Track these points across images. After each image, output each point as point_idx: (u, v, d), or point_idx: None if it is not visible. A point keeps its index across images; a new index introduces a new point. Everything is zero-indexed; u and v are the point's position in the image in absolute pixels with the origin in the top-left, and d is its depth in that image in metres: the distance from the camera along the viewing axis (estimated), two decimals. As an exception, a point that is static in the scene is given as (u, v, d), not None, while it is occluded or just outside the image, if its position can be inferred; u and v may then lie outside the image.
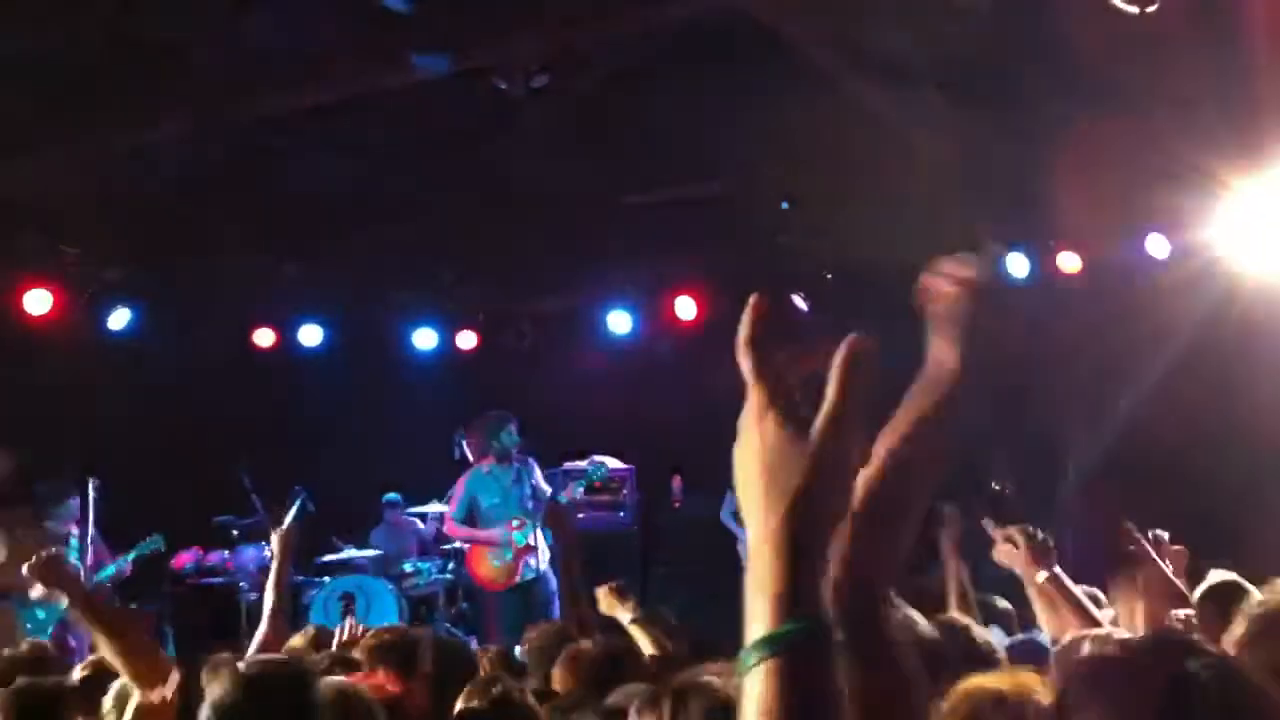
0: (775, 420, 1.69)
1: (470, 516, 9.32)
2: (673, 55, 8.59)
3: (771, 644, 1.57)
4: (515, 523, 9.21)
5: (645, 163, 9.82)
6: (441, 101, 9.00)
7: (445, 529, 9.69)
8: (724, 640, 2.42)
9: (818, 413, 1.69)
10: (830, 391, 1.68)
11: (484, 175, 9.88)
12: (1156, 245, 9.89)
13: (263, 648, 5.11)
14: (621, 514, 10.40)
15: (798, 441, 1.67)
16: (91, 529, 8.50)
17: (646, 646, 4.94)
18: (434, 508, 10.40)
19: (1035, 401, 9.76)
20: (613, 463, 10.48)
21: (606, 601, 5.35)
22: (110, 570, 8.47)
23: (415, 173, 9.77)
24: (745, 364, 1.76)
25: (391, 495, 10.72)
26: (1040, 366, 9.58)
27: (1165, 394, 9.31)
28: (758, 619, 1.59)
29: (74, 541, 8.49)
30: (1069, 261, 10.25)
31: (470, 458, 9.91)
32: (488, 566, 9.24)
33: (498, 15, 8.10)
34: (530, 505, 9.20)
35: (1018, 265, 10.42)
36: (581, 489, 9.71)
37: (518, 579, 9.16)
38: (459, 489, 9.46)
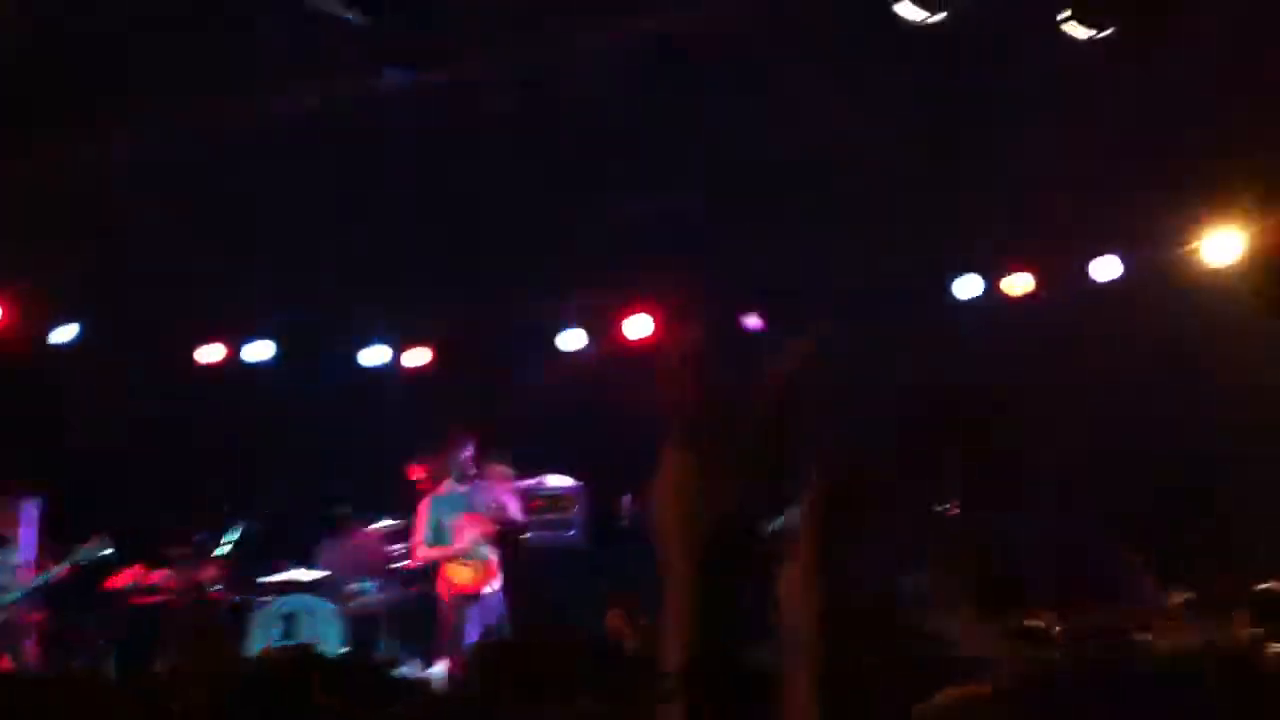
0: (691, 467, 1.73)
1: (438, 540, 9.53)
2: (635, 71, 8.63)
3: (676, 684, 1.65)
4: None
5: (600, 179, 9.81)
6: (397, 115, 8.98)
7: (417, 557, 9.72)
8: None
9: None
10: None
11: (439, 190, 9.84)
12: (1107, 267, 10.00)
13: None
14: (571, 532, 10.34)
15: (712, 490, 1.71)
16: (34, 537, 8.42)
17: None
18: (385, 524, 10.32)
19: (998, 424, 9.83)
20: (563, 480, 10.43)
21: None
22: (45, 577, 8.39)
23: (368, 187, 9.72)
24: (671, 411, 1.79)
25: (340, 510, 10.60)
26: (997, 388, 9.66)
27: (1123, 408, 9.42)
28: (671, 657, 1.69)
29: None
30: (1021, 283, 10.33)
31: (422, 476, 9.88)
32: (462, 573, 9.38)
33: (458, 30, 8.12)
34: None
35: (970, 287, 10.50)
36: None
37: (486, 589, 9.34)
38: (422, 516, 9.59)
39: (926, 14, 7.93)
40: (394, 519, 10.26)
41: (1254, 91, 8.26)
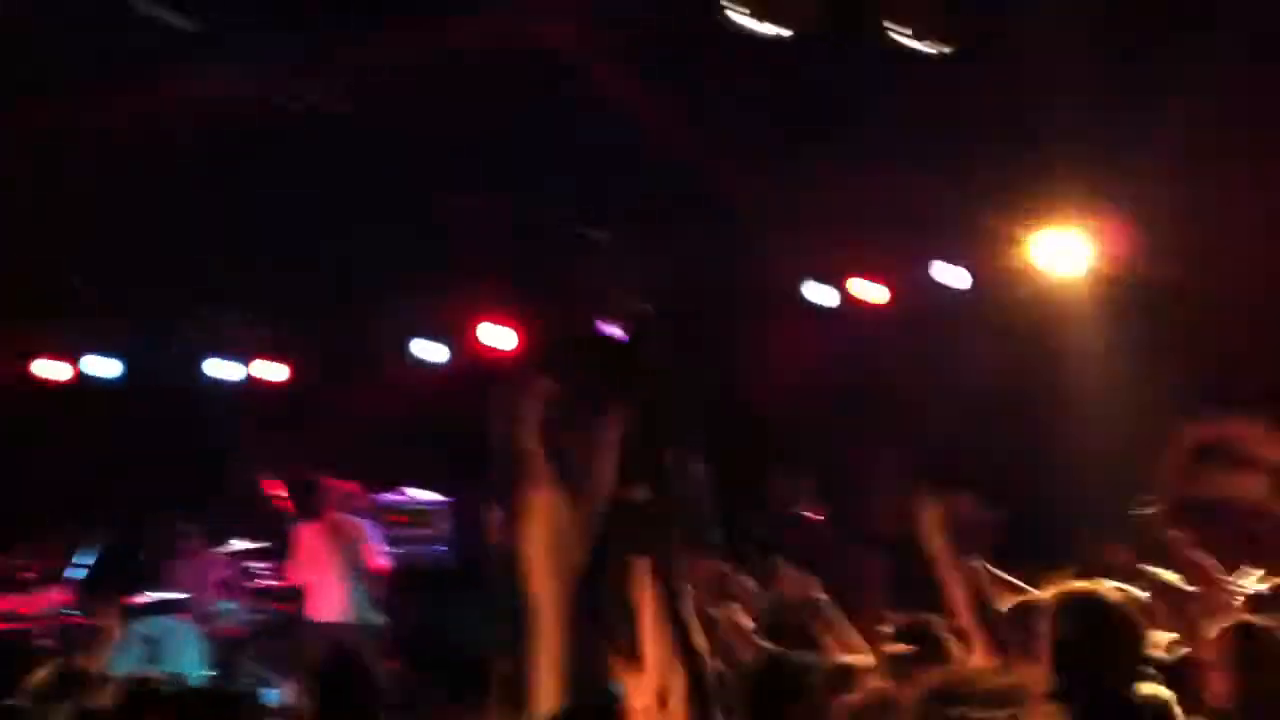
0: (555, 504, 1.78)
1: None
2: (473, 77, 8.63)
3: None
4: None
5: (453, 185, 9.79)
6: (232, 121, 8.81)
7: (291, 581, 9.62)
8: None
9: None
10: None
11: (283, 200, 9.69)
12: (956, 276, 10.35)
13: None
14: (439, 547, 10.31)
15: (577, 524, 1.77)
16: None
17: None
18: (236, 545, 10.13)
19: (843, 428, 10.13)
20: (428, 495, 10.39)
21: None
22: None
23: (215, 196, 9.53)
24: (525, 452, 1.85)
25: (187, 530, 10.37)
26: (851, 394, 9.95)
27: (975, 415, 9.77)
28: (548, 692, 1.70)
29: None
30: (873, 292, 10.63)
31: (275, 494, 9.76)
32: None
33: (290, 35, 8.03)
34: None
35: (824, 296, 10.78)
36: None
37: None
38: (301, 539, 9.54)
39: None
40: (245, 539, 10.07)
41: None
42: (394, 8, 7.97)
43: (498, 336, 11.11)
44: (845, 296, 10.74)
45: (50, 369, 10.66)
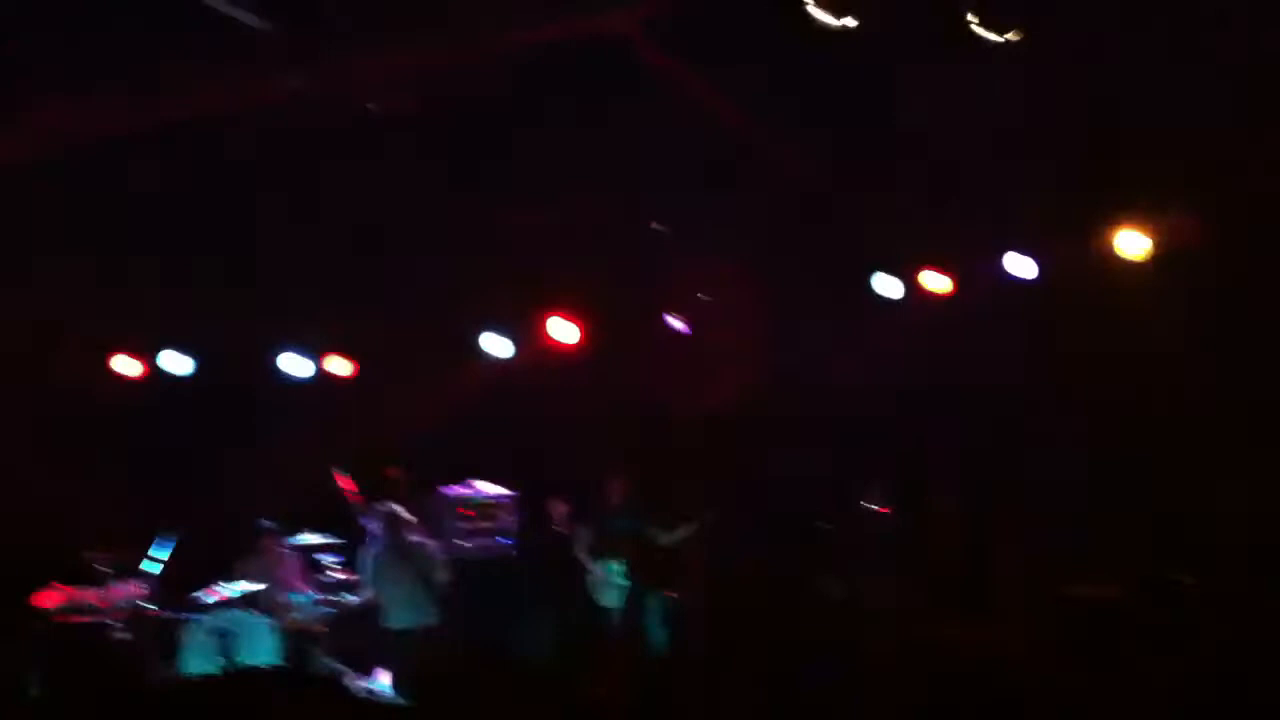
0: None
1: None
2: (544, 81, 8.66)
3: None
4: None
5: (520, 185, 9.83)
6: (308, 122, 8.89)
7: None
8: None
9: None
10: None
11: (357, 197, 9.77)
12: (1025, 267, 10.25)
13: None
14: (503, 539, 10.35)
15: None
16: None
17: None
18: (308, 538, 10.22)
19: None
20: (493, 489, 10.43)
21: None
22: None
23: (285, 194, 9.62)
24: None
25: (265, 524, 10.48)
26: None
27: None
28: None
29: None
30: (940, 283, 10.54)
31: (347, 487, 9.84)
32: None
33: (367, 38, 8.07)
34: None
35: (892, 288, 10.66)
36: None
37: None
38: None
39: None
40: (317, 533, 10.16)
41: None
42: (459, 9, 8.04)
43: (563, 330, 11.14)
44: (913, 288, 10.66)
45: (126, 365, 10.81)
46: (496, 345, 11.35)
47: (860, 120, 9.25)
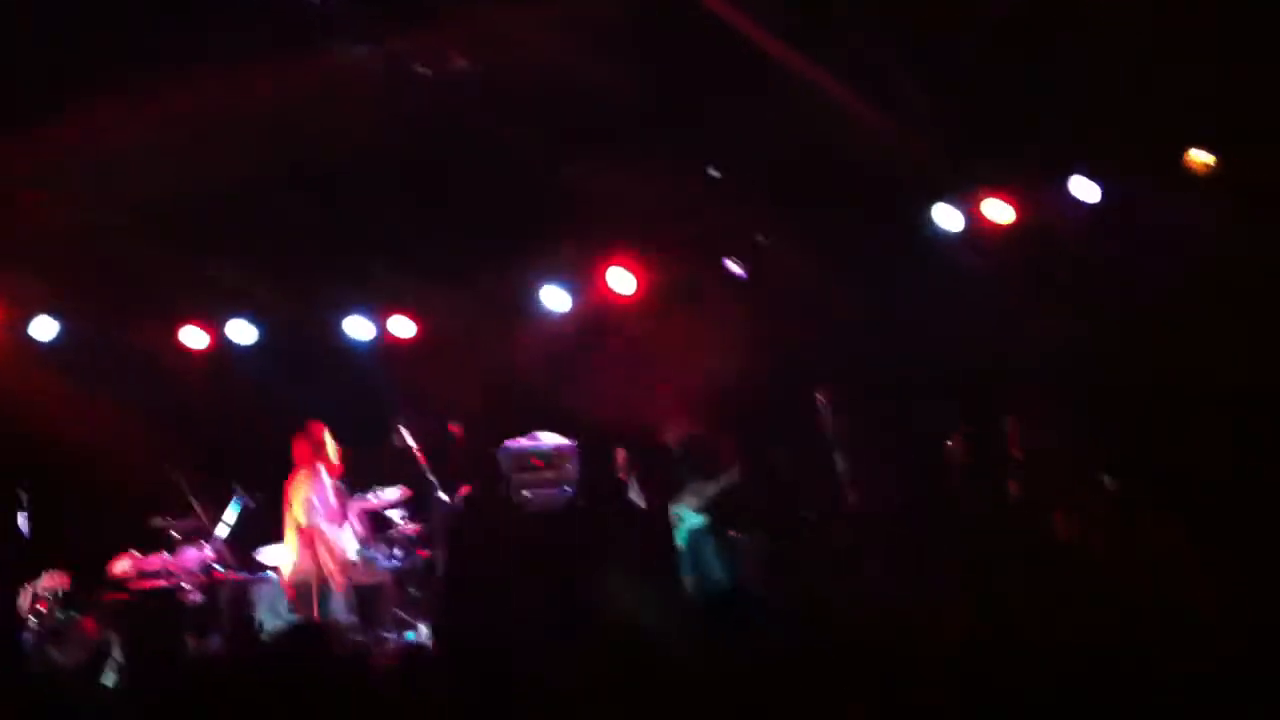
0: None
1: None
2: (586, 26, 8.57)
3: None
4: None
5: (571, 138, 9.77)
6: (364, 83, 8.92)
7: None
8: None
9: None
10: None
11: (410, 155, 9.78)
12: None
13: None
14: (566, 490, 10.35)
15: None
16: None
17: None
18: (382, 496, 10.32)
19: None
20: (555, 439, 10.42)
21: None
22: None
23: (341, 157, 9.66)
24: None
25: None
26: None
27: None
28: None
29: None
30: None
31: (412, 444, 9.88)
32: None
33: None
34: None
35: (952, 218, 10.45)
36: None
37: None
38: None
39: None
40: (384, 488, 10.24)
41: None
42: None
43: (622, 280, 11.09)
44: (974, 217, 10.43)
45: (193, 336, 10.97)
46: (555, 298, 11.34)
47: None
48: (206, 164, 9.12)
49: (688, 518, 9.96)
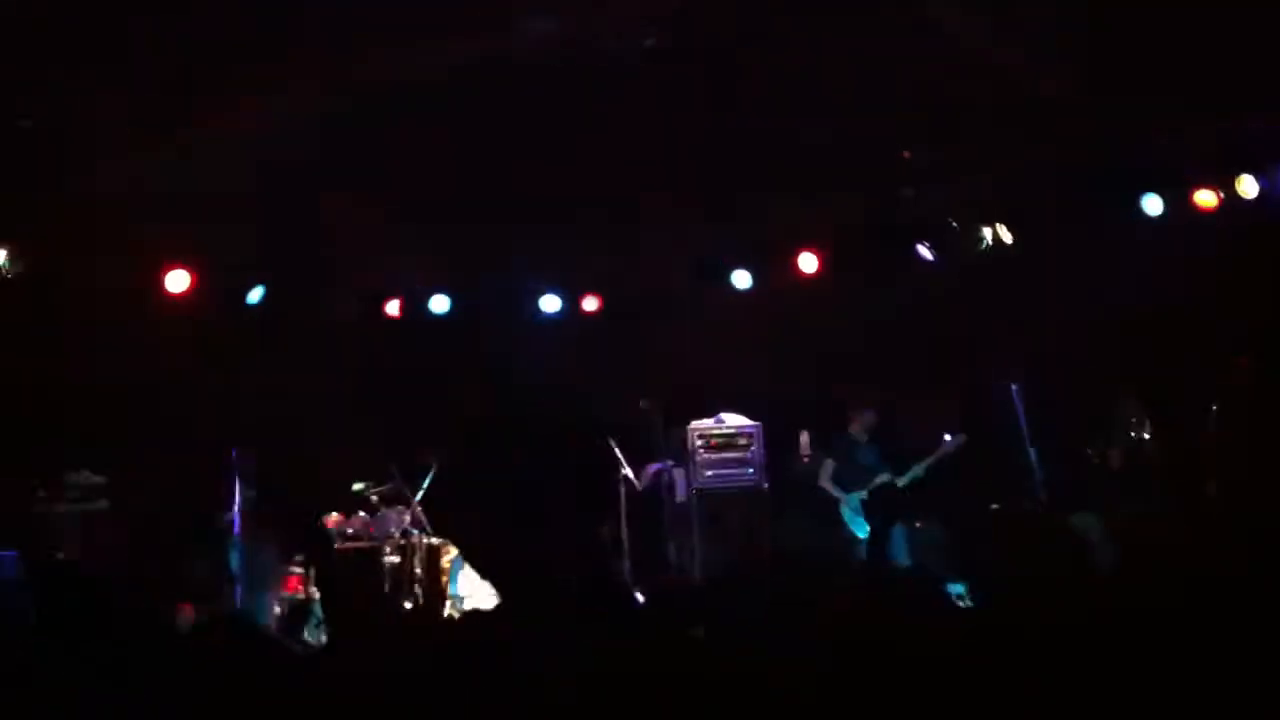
0: None
1: None
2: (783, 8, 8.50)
3: None
4: None
5: (765, 116, 9.71)
6: (552, 64, 8.97)
7: None
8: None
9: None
10: None
11: (602, 135, 9.84)
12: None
13: None
14: (750, 470, 10.39)
15: None
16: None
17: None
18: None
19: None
20: (740, 420, 10.46)
21: None
22: None
23: (537, 138, 9.77)
24: None
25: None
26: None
27: None
28: None
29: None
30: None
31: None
32: None
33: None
34: None
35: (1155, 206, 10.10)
36: None
37: None
38: None
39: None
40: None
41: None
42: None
43: (809, 262, 11.06)
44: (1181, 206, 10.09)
45: (391, 307, 11.31)
46: (742, 278, 11.36)
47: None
48: (391, 135, 9.30)
49: (867, 504, 9.91)
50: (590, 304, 11.60)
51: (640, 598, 7.50)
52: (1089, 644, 3.60)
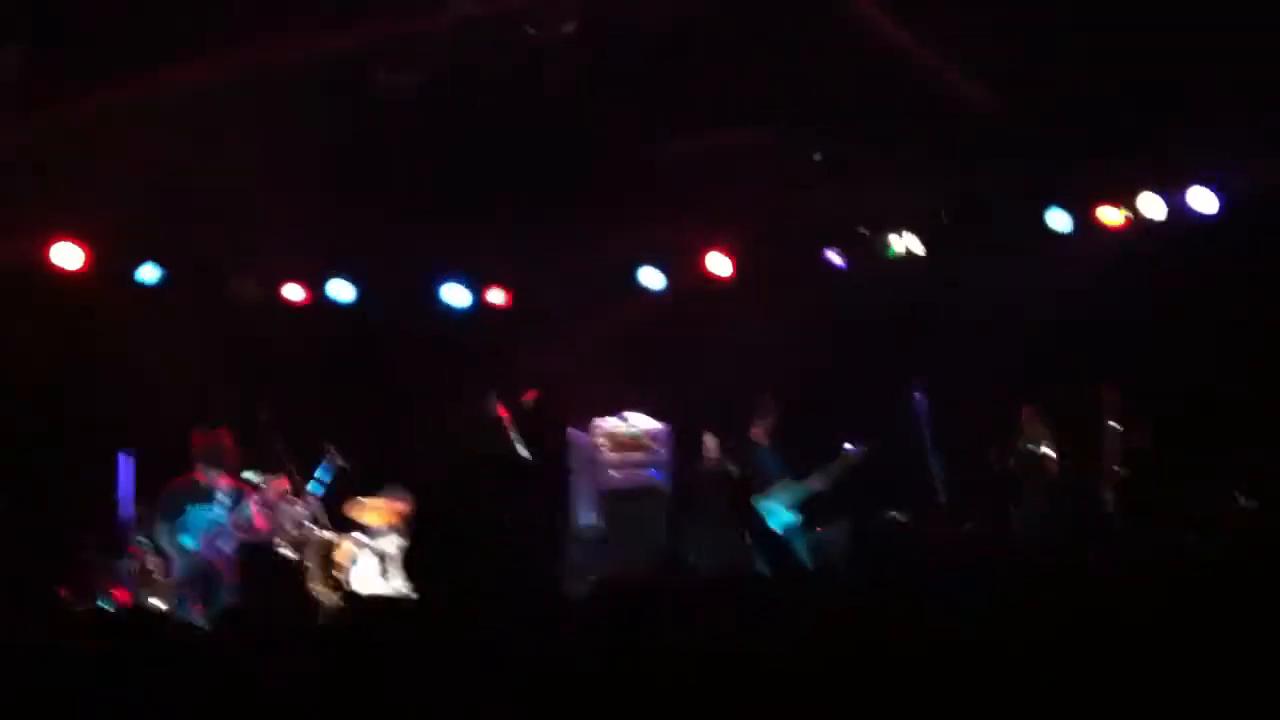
0: None
1: None
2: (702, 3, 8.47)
3: None
4: None
5: (676, 115, 9.69)
6: (470, 48, 8.86)
7: None
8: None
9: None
10: None
11: (514, 125, 9.73)
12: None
13: None
14: (654, 471, 10.36)
15: None
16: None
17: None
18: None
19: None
20: (647, 421, 10.42)
21: None
22: None
23: (443, 123, 9.63)
24: None
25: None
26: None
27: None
28: None
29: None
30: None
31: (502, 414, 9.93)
32: None
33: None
34: None
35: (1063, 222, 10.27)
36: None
37: None
38: None
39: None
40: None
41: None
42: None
43: (720, 264, 11.04)
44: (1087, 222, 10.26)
45: (292, 292, 11.05)
46: (652, 278, 11.31)
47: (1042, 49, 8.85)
48: (303, 117, 9.04)
49: (776, 513, 9.89)
50: (496, 297, 11.46)
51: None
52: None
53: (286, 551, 9.24)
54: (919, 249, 10.73)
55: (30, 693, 3.69)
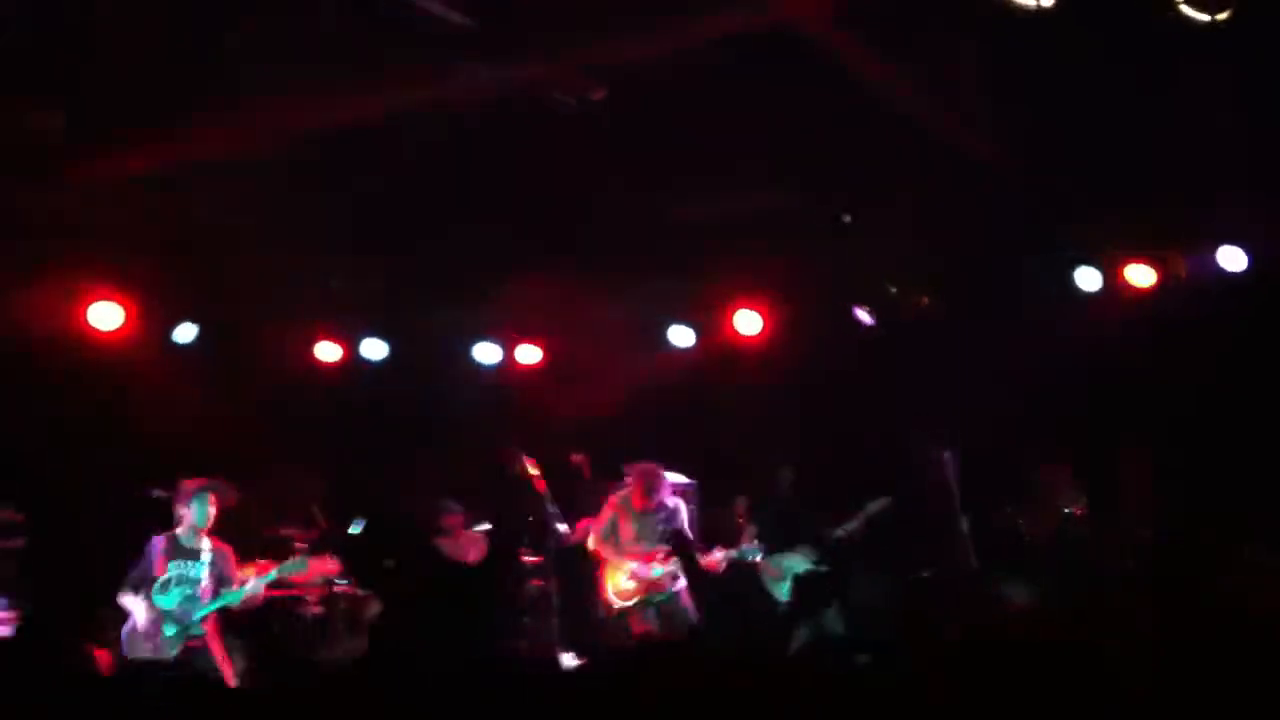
0: None
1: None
2: (725, 71, 8.54)
3: None
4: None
5: (705, 177, 9.76)
6: (493, 115, 8.97)
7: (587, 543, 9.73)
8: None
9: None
10: None
11: (548, 190, 9.84)
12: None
13: None
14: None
15: None
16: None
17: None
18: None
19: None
20: (675, 477, 10.40)
21: None
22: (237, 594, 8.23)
23: (477, 187, 9.75)
24: None
25: (450, 506, 10.66)
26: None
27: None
28: None
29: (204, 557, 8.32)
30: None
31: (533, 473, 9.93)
32: (616, 585, 9.42)
33: (553, 31, 8.10)
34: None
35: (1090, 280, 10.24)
36: None
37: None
38: (607, 509, 9.57)
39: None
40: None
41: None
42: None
43: (748, 322, 11.08)
44: (1114, 281, 10.23)
45: (326, 351, 11.15)
46: (681, 336, 11.37)
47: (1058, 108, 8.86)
48: (338, 177, 9.20)
49: (796, 568, 9.85)
50: (528, 356, 11.53)
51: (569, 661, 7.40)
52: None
53: (314, 608, 9.28)
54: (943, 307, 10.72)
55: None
